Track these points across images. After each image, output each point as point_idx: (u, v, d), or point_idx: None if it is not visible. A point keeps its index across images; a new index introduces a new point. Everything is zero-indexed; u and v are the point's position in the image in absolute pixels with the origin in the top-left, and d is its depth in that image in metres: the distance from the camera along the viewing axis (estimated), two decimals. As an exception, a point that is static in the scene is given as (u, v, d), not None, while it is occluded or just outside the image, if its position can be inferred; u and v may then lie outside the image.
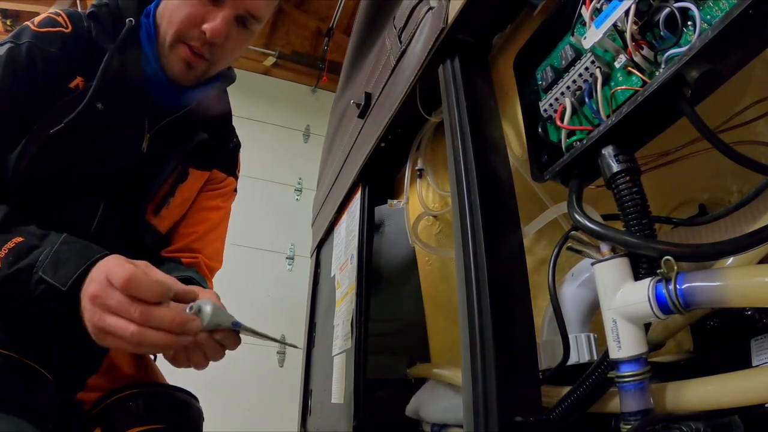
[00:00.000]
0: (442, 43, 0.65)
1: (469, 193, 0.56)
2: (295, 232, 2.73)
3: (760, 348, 0.47)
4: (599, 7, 0.44)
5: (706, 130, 0.39)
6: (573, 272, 0.58)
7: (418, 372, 0.96)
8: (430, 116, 0.79)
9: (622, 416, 0.42)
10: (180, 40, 0.70)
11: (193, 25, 0.69)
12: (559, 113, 0.50)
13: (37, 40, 0.67)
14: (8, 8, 2.49)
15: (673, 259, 0.38)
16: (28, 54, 0.67)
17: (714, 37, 0.35)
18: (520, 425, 0.46)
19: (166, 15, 0.71)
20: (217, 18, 0.68)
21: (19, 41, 0.67)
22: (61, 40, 0.68)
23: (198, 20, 0.68)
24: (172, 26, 0.70)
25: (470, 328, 0.50)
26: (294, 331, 2.52)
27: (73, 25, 0.69)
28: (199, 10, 0.68)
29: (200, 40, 0.69)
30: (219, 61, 0.74)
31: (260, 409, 2.33)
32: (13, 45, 0.67)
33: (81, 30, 0.70)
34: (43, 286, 0.54)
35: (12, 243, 0.57)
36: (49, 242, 0.58)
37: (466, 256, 0.53)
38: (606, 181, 0.45)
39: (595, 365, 0.47)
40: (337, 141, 1.29)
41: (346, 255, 1.08)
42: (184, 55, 0.70)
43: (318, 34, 3.08)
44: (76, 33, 0.69)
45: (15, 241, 0.57)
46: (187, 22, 0.69)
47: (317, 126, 3.09)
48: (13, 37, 0.68)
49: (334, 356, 1.06)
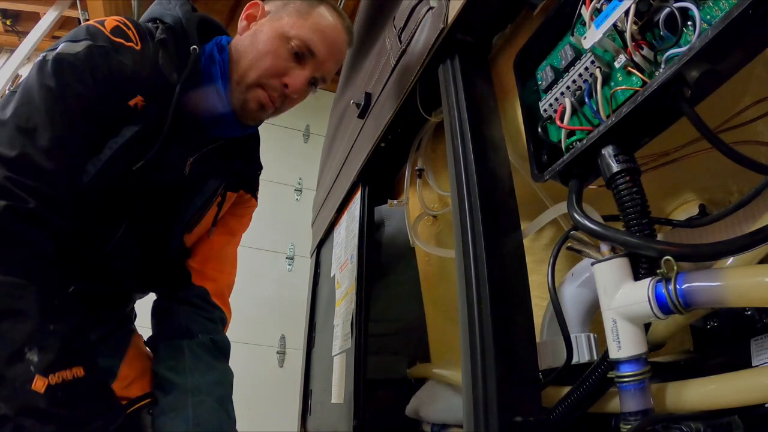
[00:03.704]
0: (442, 43, 0.65)
1: (469, 193, 0.56)
2: (295, 232, 2.73)
3: (760, 348, 0.47)
4: (599, 7, 0.44)
5: (706, 130, 0.39)
6: (573, 272, 0.58)
7: (418, 372, 0.96)
8: (430, 116, 0.79)
9: (622, 416, 0.42)
10: (259, 84, 0.73)
11: (276, 75, 0.73)
12: (559, 113, 0.50)
13: (114, 49, 0.65)
14: (8, 8, 2.49)
15: (672, 259, 0.38)
16: (106, 59, 0.64)
17: (714, 37, 0.35)
18: (520, 425, 0.46)
19: (248, 56, 0.73)
20: (300, 76, 0.73)
21: (96, 42, 0.64)
22: (133, 56, 0.66)
23: (281, 72, 0.73)
24: (255, 70, 0.73)
25: (470, 328, 0.50)
26: (294, 331, 2.52)
27: (142, 44, 0.68)
28: (284, 64, 0.73)
29: (277, 91, 0.74)
30: (282, 111, 0.78)
31: (260, 409, 2.32)
32: (92, 45, 0.64)
33: (148, 51, 0.68)
34: None
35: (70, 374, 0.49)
36: None
37: (466, 256, 0.53)
38: (606, 181, 0.45)
39: (595, 365, 0.47)
40: (337, 141, 1.29)
41: (346, 255, 1.08)
42: (262, 98, 0.74)
43: (318, 34, 3.08)
44: (143, 53, 0.67)
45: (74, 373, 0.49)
46: (271, 71, 0.73)
47: (317, 126, 3.09)
48: (89, 36, 0.64)
49: (334, 356, 1.06)
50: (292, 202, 2.93)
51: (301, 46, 0.73)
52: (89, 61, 0.62)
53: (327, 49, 0.75)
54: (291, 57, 0.73)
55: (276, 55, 0.72)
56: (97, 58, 0.63)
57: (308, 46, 0.73)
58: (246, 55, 0.74)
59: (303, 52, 0.73)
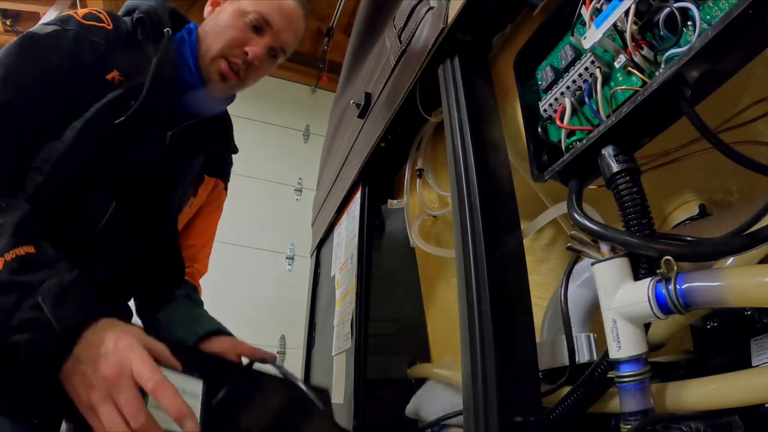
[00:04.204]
0: (442, 43, 0.65)
1: (469, 193, 0.56)
2: (295, 232, 2.73)
3: (760, 348, 0.47)
4: (599, 7, 0.44)
5: (706, 130, 0.39)
6: (573, 272, 0.58)
7: (418, 372, 0.96)
8: (430, 116, 0.79)
9: (622, 416, 0.42)
10: (222, 56, 0.81)
11: (237, 45, 0.81)
12: (559, 113, 0.50)
13: (84, 30, 0.71)
14: (8, 8, 2.49)
15: (672, 259, 0.38)
16: (75, 40, 0.70)
17: (714, 37, 0.35)
18: (520, 425, 0.46)
19: (212, 34, 0.82)
20: (259, 44, 0.82)
21: (66, 27, 0.70)
22: (106, 35, 0.73)
23: (241, 42, 0.81)
24: (218, 43, 0.81)
25: (470, 328, 0.50)
26: (294, 331, 2.52)
27: (114, 24, 0.75)
28: (244, 35, 0.81)
29: (241, 59, 0.81)
30: (247, 81, 0.85)
31: (260, 409, 2.33)
32: (60, 29, 0.70)
33: (120, 29, 0.75)
34: (35, 314, 0.50)
35: (23, 250, 0.54)
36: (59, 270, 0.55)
37: (466, 256, 0.53)
38: (606, 181, 0.45)
39: (595, 365, 0.47)
40: (337, 141, 1.29)
41: (346, 255, 1.08)
42: (223, 68, 0.81)
43: (318, 34, 3.08)
44: (116, 31, 0.74)
45: (26, 250, 0.54)
46: (232, 42, 0.81)
47: (317, 126, 3.09)
48: (59, 22, 0.71)
49: (334, 356, 1.06)
50: (292, 202, 2.93)
51: (258, 19, 0.81)
52: (55, 40, 0.68)
53: (282, 19, 0.83)
54: (250, 29, 0.81)
55: (236, 28, 0.81)
56: (64, 40, 0.69)
57: (264, 18, 0.81)
58: (210, 33, 0.82)
59: (260, 24, 0.82)
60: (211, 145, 0.90)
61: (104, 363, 0.50)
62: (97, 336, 0.52)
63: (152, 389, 0.49)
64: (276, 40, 0.83)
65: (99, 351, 0.50)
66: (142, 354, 0.51)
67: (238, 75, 0.82)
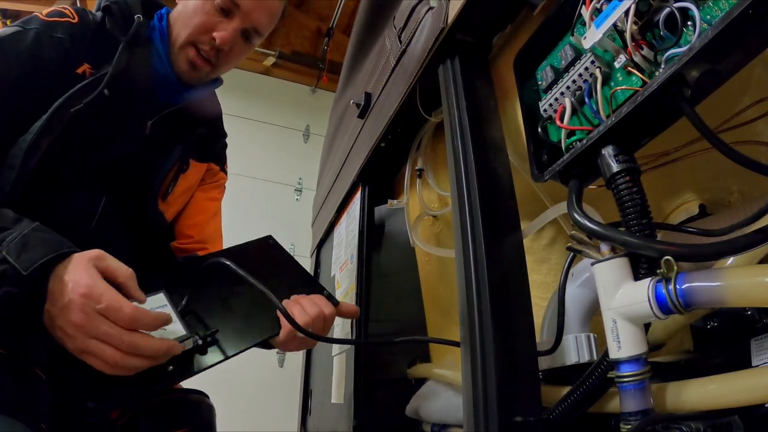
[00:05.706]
0: (442, 43, 0.65)
1: (469, 193, 0.56)
2: (295, 232, 2.72)
3: (760, 348, 0.47)
4: (599, 7, 0.44)
5: (706, 130, 0.39)
6: (573, 272, 0.58)
7: (418, 372, 0.96)
8: (430, 116, 0.79)
9: (622, 416, 0.42)
10: (190, 42, 0.78)
11: (205, 31, 0.78)
12: (559, 113, 0.50)
13: (45, 27, 0.71)
14: (8, 8, 2.49)
15: (672, 259, 0.38)
16: (35, 39, 0.70)
17: (714, 37, 0.35)
18: (520, 425, 0.46)
19: (180, 20, 0.80)
20: (227, 28, 0.78)
21: (27, 26, 0.71)
22: (69, 29, 0.72)
23: (209, 28, 0.78)
24: (186, 29, 0.78)
25: (470, 327, 0.50)
26: (294, 331, 2.52)
27: (79, 18, 0.74)
28: (211, 20, 0.78)
29: (209, 45, 0.79)
30: (221, 67, 0.82)
31: (260, 409, 2.33)
32: (21, 29, 0.70)
33: (87, 22, 0.74)
34: (3, 267, 0.52)
35: None
36: (20, 227, 0.57)
37: (466, 256, 0.53)
38: (606, 181, 0.45)
39: (595, 365, 0.47)
40: (337, 141, 1.29)
41: (346, 255, 1.08)
42: (191, 56, 0.79)
43: (318, 34, 3.08)
44: (82, 24, 0.74)
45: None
46: (200, 28, 0.78)
47: (317, 126, 3.09)
48: (21, 23, 0.71)
49: (334, 356, 1.06)
50: (292, 202, 2.93)
51: (225, 1, 0.78)
52: (14, 41, 0.69)
53: None
54: (217, 12, 0.78)
55: (203, 13, 0.78)
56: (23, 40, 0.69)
57: None
58: (179, 19, 0.80)
59: (227, 7, 0.78)
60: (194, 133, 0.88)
61: (71, 311, 0.52)
62: (68, 274, 0.53)
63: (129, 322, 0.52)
64: (246, 21, 0.79)
65: (64, 297, 0.52)
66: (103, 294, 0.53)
67: (209, 62, 0.80)
